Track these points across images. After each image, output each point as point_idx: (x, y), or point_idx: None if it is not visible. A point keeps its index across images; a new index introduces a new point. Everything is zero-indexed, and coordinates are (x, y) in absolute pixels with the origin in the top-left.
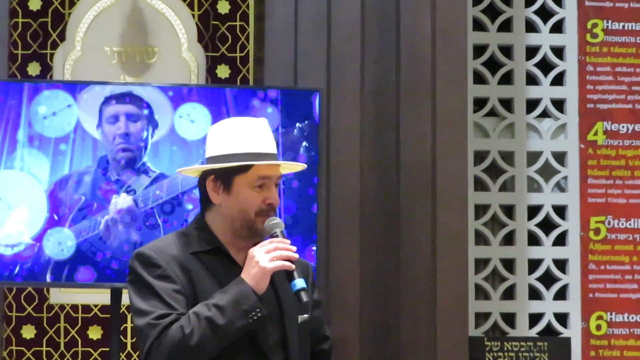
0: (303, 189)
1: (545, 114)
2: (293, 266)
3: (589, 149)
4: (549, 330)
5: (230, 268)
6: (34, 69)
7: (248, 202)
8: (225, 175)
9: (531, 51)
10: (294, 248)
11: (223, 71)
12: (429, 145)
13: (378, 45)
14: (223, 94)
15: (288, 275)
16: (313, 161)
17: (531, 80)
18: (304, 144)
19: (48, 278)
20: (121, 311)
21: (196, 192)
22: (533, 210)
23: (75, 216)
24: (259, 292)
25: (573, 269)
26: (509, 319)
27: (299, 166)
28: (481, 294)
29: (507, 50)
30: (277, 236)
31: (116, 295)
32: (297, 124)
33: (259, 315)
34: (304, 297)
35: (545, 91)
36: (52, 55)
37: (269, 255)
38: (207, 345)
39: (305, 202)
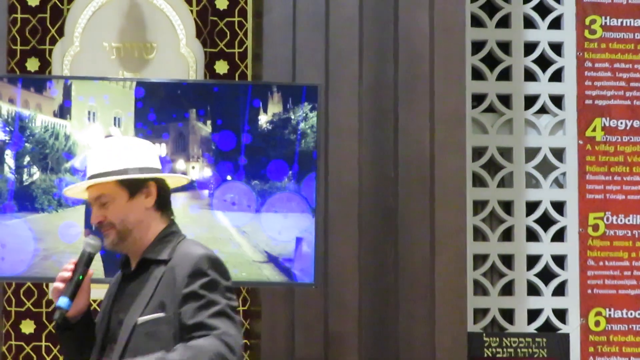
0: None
1: (543, 110)
2: (61, 286)
3: (588, 145)
4: (547, 326)
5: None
6: (32, 64)
7: None
8: None
9: (529, 47)
10: (70, 267)
11: (221, 67)
12: (427, 142)
13: (376, 42)
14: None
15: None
16: (311, 157)
17: (529, 76)
18: (302, 140)
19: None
20: None
21: None
22: (531, 206)
23: None
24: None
25: (572, 265)
26: (508, 314)
27: (112, 180)
28: (480, 289)
29: (505, 47)
30: (83, 255)
31: None
32: (295, 120)
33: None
34: (56, 314)
35: (543, 87)
36: (50, 50)
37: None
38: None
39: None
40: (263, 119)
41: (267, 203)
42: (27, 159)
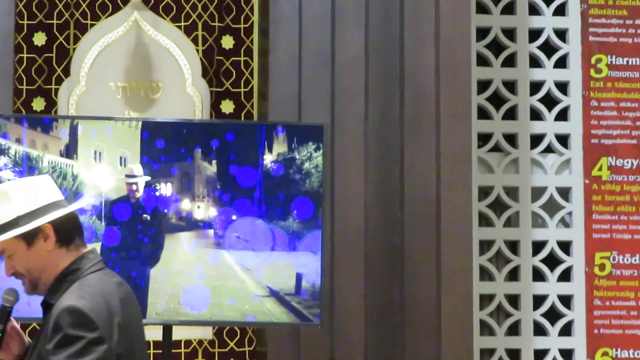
0: None
1: (549, 149)
2: None
3: (594, 185)
4: None
5: None
6: (38, 104)
7: None
8: None
9: (535, 86)
10: None
11: (227, 106)
12: (434, 181)
13: (382, 80)
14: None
15: None
16: (318, 196)
17: (535, 115)
18: (308, 179)
19: None
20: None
21: None
22: (538, 246)
23: None
24: None
25: (578, 304)
26: (514, 355)
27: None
28: (486, 329)
29: (511, 85)
30: (3, 310)
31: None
32: (301, 159)
33: None
34: None
35: (549, 126)
36: (56, 90)
37: None
38: None
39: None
40: (268, 159)
41: (271, 241)
42: None
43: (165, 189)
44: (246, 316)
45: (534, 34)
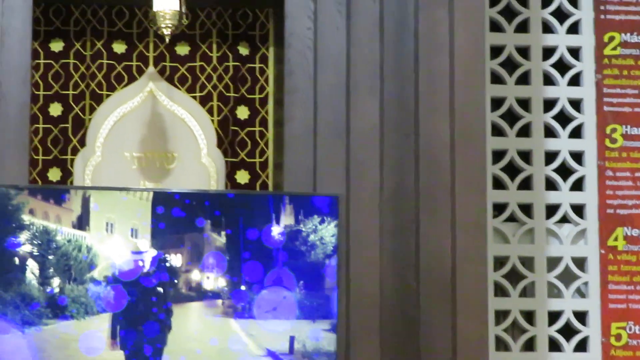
0: None
1: (565, 219)
2: None
3: (609, 255)
4: None
5: None
6: (54, 174)
7: None
8: None
9: (550, 156)
10: None
11: (242, 177)
12: (449, 251)
13: (397, 151)
14: None
15: None
16: (332, 267)
17: (550, 185)
18: (324, 250)
19: None
20: None
21: None
22: (554, 316)
23: None
24: None
25: None
26: None
27: None
28: None
29: (526, 155)
30: None
31: None
32: (317, 230)
33: None
34: None
35: (565, 196)
36: (72, 160)
37: None
38: None
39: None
40: (276, 230)
41: (276, 310)
42: (51, 270)
43: (175, 259)
44: None
45: (549, 104)
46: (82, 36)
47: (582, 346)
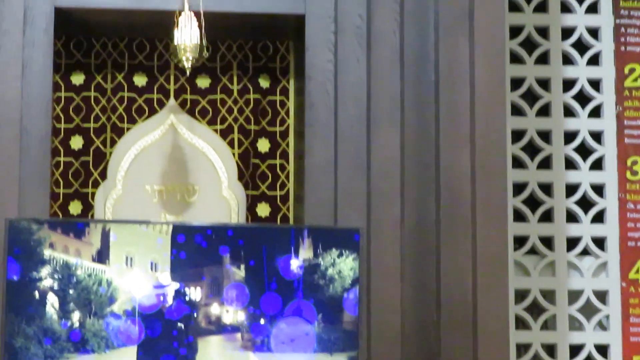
0: None
1: (586, 252)
2: None
3: (631, 287)
4: None
5: None
6: (75, 207)
7: None
8: None
9: (571, 189)
10: None
11: (263, 209)
12: (470, 284)
13: (418, 183)
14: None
15: None
16: (351, 300)
17: (571, 218)
18: (342, 283)
19: None
20: None
21: None
22: (575, 350)
23: None
24: None
25: None
26: None
27: None
28: None
29: (547, 188)
30: None
31: None
32: (335, 264)
33: None
34: None
35: (585, 229)
36: (93, 194)
37: None
38: None
39: None
40: (295, 263)
41: (294, 342)
42: (72, 304)
43: (195, 293)
44: None
45: (570, 136)
46: (103, 69)
47: None
